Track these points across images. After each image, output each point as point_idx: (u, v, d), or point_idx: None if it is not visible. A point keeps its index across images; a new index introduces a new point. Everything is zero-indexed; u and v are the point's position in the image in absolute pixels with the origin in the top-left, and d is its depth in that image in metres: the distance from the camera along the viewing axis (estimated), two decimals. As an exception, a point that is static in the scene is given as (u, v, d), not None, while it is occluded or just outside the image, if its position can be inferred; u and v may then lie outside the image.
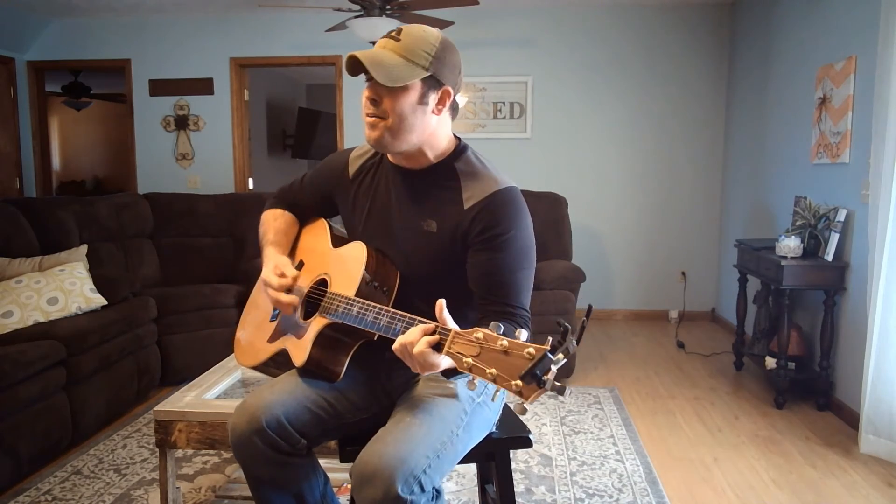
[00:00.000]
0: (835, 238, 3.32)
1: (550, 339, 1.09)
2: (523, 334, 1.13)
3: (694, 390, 3.79)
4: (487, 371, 1.12)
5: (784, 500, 2.53)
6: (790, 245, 3.41)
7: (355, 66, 1.40)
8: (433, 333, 1.24)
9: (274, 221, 1.78)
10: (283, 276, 1.59)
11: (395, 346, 1.28)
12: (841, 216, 3.32)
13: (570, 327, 1.08)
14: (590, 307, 1.17)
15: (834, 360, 3.43)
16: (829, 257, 3.34)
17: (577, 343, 1.08)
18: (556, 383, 1.06)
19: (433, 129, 1.48)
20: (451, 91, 1.47)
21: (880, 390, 2.86)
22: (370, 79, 1.42)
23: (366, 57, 1.38)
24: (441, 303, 1.24)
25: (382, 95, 1.41)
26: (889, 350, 2.83)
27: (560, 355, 1.07)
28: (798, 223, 3.57)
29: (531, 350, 1.09)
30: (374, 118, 1.44)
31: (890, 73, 2.78)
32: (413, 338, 1.24)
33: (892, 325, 2.81)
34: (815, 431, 3.18)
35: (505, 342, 1.12)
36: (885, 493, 2.58)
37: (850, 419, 3.19)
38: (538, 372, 1.06)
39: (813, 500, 2.53)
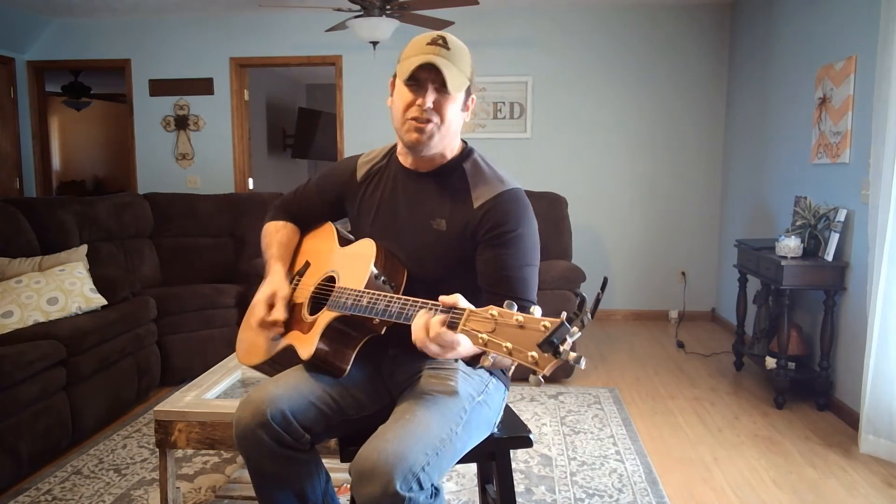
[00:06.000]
0: (835, 238, 3.32)
1: (565, 312, 1.09)
2: (537, 311, 1.14)
3: (694, 390, 3.79)
4: (503, 345, 1.13)
5: (784, 500, 2.53)
6: (790, 245, 3.41)
7: (421, 71, 1.47)
8: (447, 313, 1.25)
9: (276, 234, 1.81)
10: (272, 308, 1.63)
11: (413, 331, 1.28)
12: (841, 216, 3.32)
13: (585, 298, 1.09)
14: (605, 279, 1.18)
15: (834, 360, 3.43)
16: (829, 257, 3.34)
17: (592, 317, 1.08)
18: (572, 353, 1.07)
19: (459, 132, 1.59)
20: (475, 98, 1.61)
21: (880, 390, 2.86)
22: (419, 85, 1.48)
23: (443, 65, 1.46)
24: (443, 297, 1.26)
25: (439, 102, 1.50)
26: (889, 350, 2.83)
27: (575, 328, 1.07)
28: (798, 223, 3.57)
29: (546, 323, 1.10)
30: (425, 122, 1.50)
31: (890, 73, 2.78)
32: (427, 318, 1.26)
33: (892, 325, 2.81)
34: (815, 431, 3.18)
35: (520, 317, 1.13)
36: (885, 493, 2.58)
37: (850, 419, 3.19)
38: (555, 340, 1.06)
39: (813, 500, 2.53)
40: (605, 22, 5.45)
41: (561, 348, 1.06)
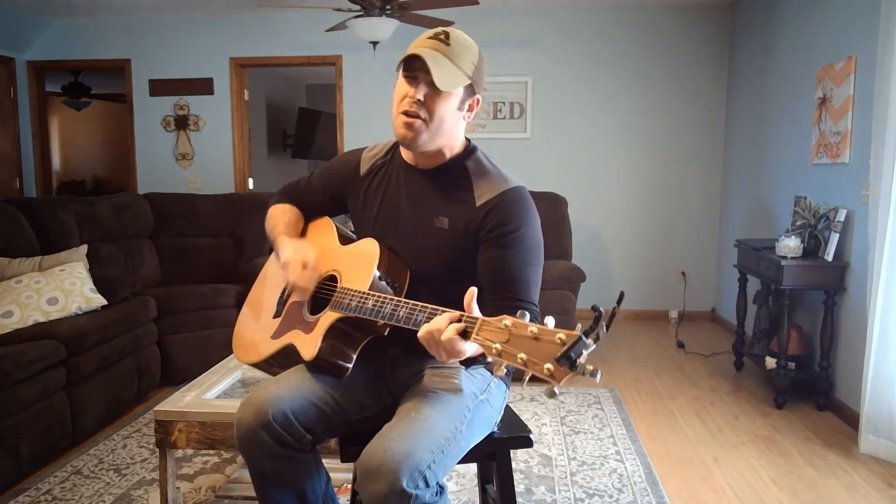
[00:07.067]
0: (835, 238, 3.32)
1: (580, 325, 1.11)
2: (551, 321, 1.16)
3: (694, 390, 3.79)
4: (518, 356, 1.14)
5: (784, 500, 2.53)
6: (790, 245, 3.41)
7: (411, 63, 1.45)
8: (459, 321, 1.26)
9: (283, 215, 1.80)
10: (305, 264, 1.62)
11: (420, 334, 1.30)
12: (841, 216, 3.32)
13: (602, 312, 1.09)
14: (621, 293, 1.19)
15: (834, 360, 3.43)
16: (829, 257, 3.34)
17: (607, 329, 1.10)
18: (589, 366, 1.09)
19: (458, 131, 1.55)
20: (480, 99, 1.56)
21: (880, 390, 2.86)
22: (414, 77, 1.46)
23: (430, 58, 1.43)
24: (472, 291, 1.27)
25: (429, 97, 1.46)
26: (889, 350, 2.83)
27: (591, 340, 1.09)
28: (798, 223, 3.57)
29: (562, 335, 1.11)
30: (413, 118, 1.47)
31: (890, 73, 2.78)
32: (440, 325, 1.27)
33: (892, 325, 2.81)
34: (815, 431, 3.18)
35: (534, 328, 1.15)
36: (886, 493, 2.58)
37: (850, 419, 3.19)
38: (573, 355, 1.08)
39: (813, 500, 2.53)
40: (605, 22, 5.45)
41: (578, 361, 1.09)
